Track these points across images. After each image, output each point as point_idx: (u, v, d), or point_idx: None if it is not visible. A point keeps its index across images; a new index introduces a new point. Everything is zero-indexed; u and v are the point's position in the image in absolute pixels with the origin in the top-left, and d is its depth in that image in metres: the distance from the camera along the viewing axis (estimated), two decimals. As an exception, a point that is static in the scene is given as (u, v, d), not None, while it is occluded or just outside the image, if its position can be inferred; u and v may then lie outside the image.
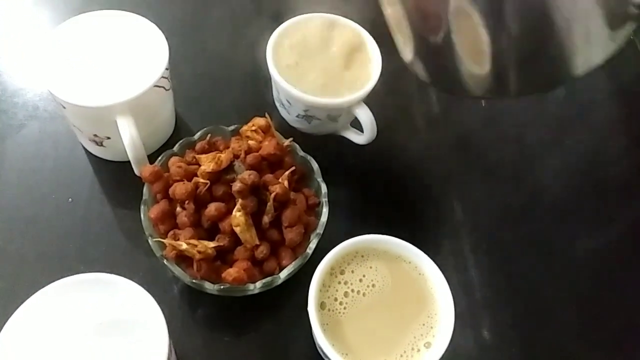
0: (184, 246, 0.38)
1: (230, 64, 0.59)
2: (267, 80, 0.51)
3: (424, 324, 0.39)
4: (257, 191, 0.40)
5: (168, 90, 0.47)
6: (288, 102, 0.48)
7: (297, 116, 0.49)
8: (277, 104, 0.52)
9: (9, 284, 0.44)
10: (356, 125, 0.52)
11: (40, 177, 0.50)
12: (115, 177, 0.50)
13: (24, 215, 0.48)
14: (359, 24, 0.51)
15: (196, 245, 0.38)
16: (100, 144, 0.47)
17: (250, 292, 0.41)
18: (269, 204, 0.40)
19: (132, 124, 0.43)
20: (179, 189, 0.40)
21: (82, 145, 0.51)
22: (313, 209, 0.44)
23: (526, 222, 0.52)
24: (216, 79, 0.57)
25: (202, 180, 0.40)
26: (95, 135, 0.46)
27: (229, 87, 0.57)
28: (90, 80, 0.43)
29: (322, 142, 0.52)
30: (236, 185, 0.39)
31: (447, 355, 0.37)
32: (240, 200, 0.39)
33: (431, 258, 0.40)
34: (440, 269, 0.40)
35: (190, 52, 0.57)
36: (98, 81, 0.43)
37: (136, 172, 0.45)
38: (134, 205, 0.47)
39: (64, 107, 0.44)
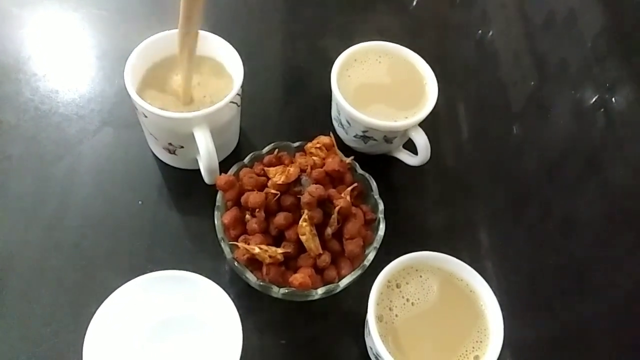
0: (257, 250, 0.41)
1: (290, 83, 0.63)
2: (326, 100, 0.55)
3: (474, 339, 0.41)
4: (322, 204, 0.43)
5: (239, 106, 0.51)
6: (348, 122, 0.52)
7: (355, 136, 0.53)
8: (335, 124, 0.55)
9: (82, 277, 0.48)
10: (407, 146, 0.55)
11: (112, 179, 0.53)
12: (183, 184, 0.53)
13: (97, 214, 0.51)
14: (418, 54, 0.54)
15: (267, 250, 0.41)
16: (173, 152, 0.51)
17: (310, 298, 0.44)
18: (333, 216, 0.43)
19: (209, 136, 0.46)
20: (253, 198, 0.43)
21: (152, 152, 0.55)
22: (370, 224, 0.47)
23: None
24: (276, 97, 0.61)
25: (272, 190, 0.43)
26: (170, 144, 0.50)
27: (288, 105, 0.61)
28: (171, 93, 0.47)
29: (374, 162, 0.55)
30: (305, 197, 0.42)
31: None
32: (307, 212, 0.42)
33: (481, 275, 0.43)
34: (491, 287, 0.42)
35: (253, 70, 0.61)
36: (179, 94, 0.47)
37: (207, 180, 0.49)
38: (199, 211, 0.51)
39: (146, 117, 0.47)
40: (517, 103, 0.65)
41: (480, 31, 0.71)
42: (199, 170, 0.50)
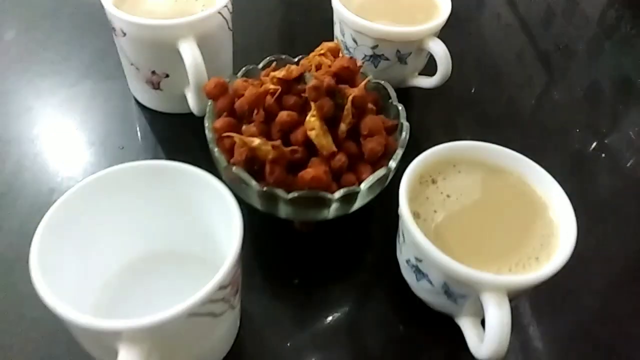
0: (257, 142, 0.33)
1: (287, 9, 0.58)
2: (326, 24, 0.49)
3: (538, 234, 0.32)
4: (332, 96, 0.36)
5: (230, 30, 0.45)
6: (354, 41, 0.46)
7: (364, 58, 0.46)
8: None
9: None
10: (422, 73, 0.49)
11: (91, 127, 0.47)
12: (169, 128, 0.47)
13: (71, 162, 0.44)
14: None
15: (268, 143, 0.33)
16: (157, 87, 0.45)
17: (325, 214, 0.35)
18: (346, 107, 0.35)
19: (195, 47, 0.40)
20: (249, 92, 0.36)
21: (135, 100, 0.48)
22: (391, 134, 0.39)
23: None
24: (272, 26, 0.57)
25: (272, 86, 0.36)
26: (154, 73, 0.44)
27: (285, 34, 0.56)
28: (154, 12, 0.42)
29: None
30: (312, 82, 0.35)
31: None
32: (315, 104, 0.35)
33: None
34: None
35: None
36: (162, 12, 0.42)
37: (195, 109, 0.42)
38: (188, 155, 0.44)
39: (124, 34, 0.41)
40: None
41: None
42: (186, 114, 0.44)
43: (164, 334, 0.24)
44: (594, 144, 0.49)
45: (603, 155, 0.48)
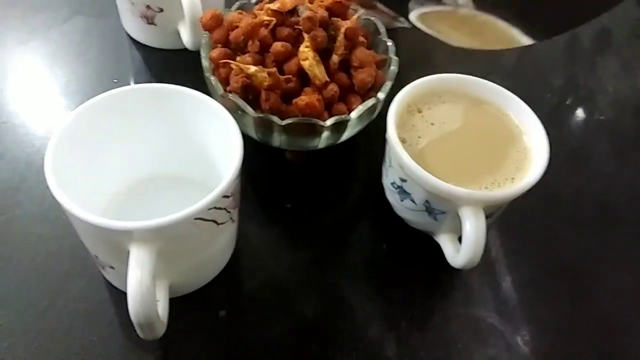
0: (253, 69, 0.35)
1: None
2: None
3: (514, 158, 0.35)
4: (325, 29, 0.38)
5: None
6: None
7: None
8: None
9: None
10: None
11: (85, 60, 0.48)
12: (162, 63, 0.48)
13: (67, 93, 0.45)
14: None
15: (264, 70, 0.35)
16: (152, 21, 0.46)
17: (317, 142, 0.37)
18: (339, 38, 0.37)
19: (190, -20, 0.41)
20: (244, 23, 0.37)
21: (128, 37, 0.49)
22: (380, 68, 0.41)
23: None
24: None
25: (266, 17, 0.38)
26: (148, 8, 0.44)
27: None
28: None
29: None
30: (306, 13, 0.36)
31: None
32: (308, 35, 0.37)
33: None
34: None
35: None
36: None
37: (190, 43, 0.43)
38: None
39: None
40: None
41: None
42: (179, 50, 0.45)
43: (172, 234, 0.27)
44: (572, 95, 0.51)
45: (578, 105, 0.51)
